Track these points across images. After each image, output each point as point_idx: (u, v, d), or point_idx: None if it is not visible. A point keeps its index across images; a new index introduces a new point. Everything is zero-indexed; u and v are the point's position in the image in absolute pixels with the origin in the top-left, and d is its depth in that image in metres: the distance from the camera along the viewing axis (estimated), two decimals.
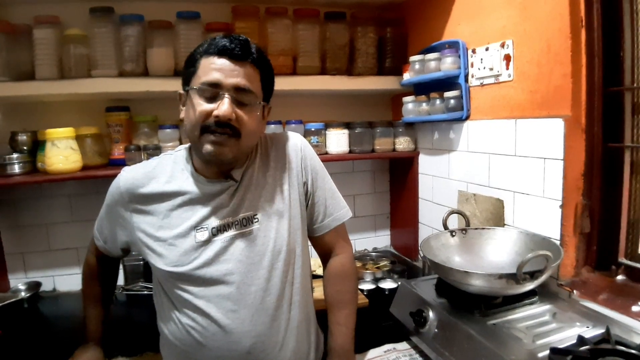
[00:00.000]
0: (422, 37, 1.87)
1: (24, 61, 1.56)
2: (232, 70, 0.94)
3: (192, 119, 0.96)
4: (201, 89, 0.95)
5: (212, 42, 0.96)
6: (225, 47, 0.94)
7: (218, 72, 0.94)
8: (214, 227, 1.02)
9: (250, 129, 0.98)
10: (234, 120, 0.95)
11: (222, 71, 0.94)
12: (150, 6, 1.72)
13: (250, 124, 0.98)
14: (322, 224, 1.16)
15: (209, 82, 0.94)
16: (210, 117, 0.94)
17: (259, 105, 1.01)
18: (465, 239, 1.39)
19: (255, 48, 0.98)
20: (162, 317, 1.10)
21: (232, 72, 0.94)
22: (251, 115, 0.98)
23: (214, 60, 0.95)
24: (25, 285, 1.77)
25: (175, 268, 1.00)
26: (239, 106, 0.96)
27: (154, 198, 1.04)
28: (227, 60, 0.94)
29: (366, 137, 1.96)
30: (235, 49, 0.94)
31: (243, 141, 0.98)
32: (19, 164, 1.59)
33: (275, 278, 1.04)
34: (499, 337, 1.03)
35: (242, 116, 0.96)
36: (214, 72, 0.94)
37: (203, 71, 0.95)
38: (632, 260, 1.21)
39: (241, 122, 0.96)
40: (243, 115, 0.96)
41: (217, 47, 0.94)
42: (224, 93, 0.94)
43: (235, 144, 0.97)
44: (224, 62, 0.94)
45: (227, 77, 0.94)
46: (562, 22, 1.20)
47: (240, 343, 1.01)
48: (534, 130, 1.32)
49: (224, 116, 0.93)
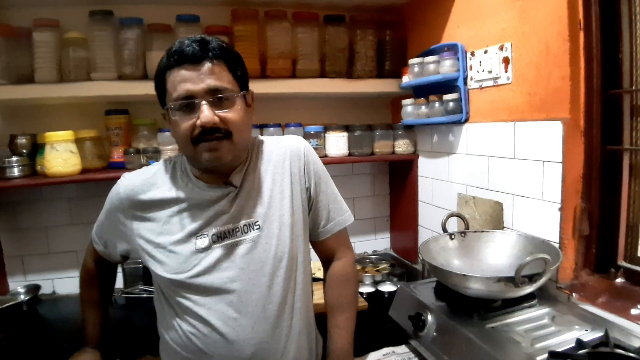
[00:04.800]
0: (421, 40, 1.87)
1: (23, 64, 1.56)
2: (197, 76, 0.92)
3: (181, 135, 0.96)
4: (177, 105, 0.94)
5: (169, 54, 0.94)
6: (182, 54, 0.92)
7: (185, 83, 0.92)
8: (214, 234, 1.01)
9: (238, 124, 0.97)
10: (219, 122, 0.94)
11: (188, 80, 0.92)
12: (150, 9, 1.73)
13: (236, 120, 0.97)
14: (324, 228, 1.15)
15: (181, 97, 0.93)
16: (195, 128, 0.94)
17: (239, 96, 0.99)
18: (465, 242, 1.39)
19: (214, 42, 0.96)
20: (162, 322, 1.09)
21: (198, 77, 0.92)
22: (234, 110, 0.97)
23: (177, 72, 0.93)
24: (24, 288, 1.76)
25: (175, 275, 1.00)
26: (219, 106, 0.95)
27: (154, 205, 1.04)
28: (189, 67, 0.92)
29: (366, 140, 1.96)
30: (193, 52, 0.92)
31: (236, 138, 0.97)
32: (19, 167, 1.60)
33: (277, 285, 1.04)
34: (497, 340, 1.02)
35: (225, 115, 0.95)
36: (181, 85, 0.92)
37: (172, 87, 0.94)
38: (631, 263, 1.21)
39: (227, 122, 0.95)
40: (226, 115, 0.95)
41: (175, 59, 0.93)
42: (199, 101, 0.93)
43: (230, 144, 0.96)
44: (186, 71, 0.92)
45: (195, 83, 0.92)
46: (561, 24, 1.20)
47: (242, 351, 1.00)
48: (532, 133, 1.32)
49: (207, 123, 0.92)
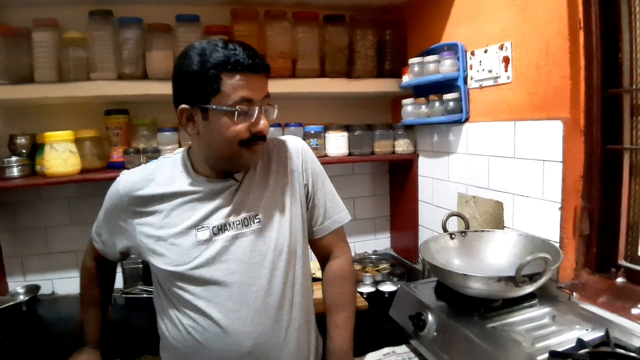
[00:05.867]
0: (421, 40, 1.87)
1: (23, 64, 1.56)
2: (259, 85, 0.97)
3: (228, 137, 0.96)
4: (238, 109, 0.94)
5: (228, 57, 0.92)
6: (246, 62, 0.93)
7: (248, 89, 0.94)
8: (215, 226, 1.02)
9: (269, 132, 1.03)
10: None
11: (251, 88, 0.94)
12: (149, 9, 1.73)
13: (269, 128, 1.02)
14: (321, 226, 1.16)
15: (244, 100, 0.94)
16: (247, 132, 0.97)
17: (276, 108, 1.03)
18: (465, 242, 1.39)
19: (259, 54, 0.98)
20: (162, 318, 1.10)
21: (259, 86, 0.97)
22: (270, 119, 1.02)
23: (239, 76, 0.93)
24: (24, 289, 1.76)
25: (175, 267, 1.00)
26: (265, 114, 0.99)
27: (154, 199, 1.04)
28: (250, 74, 0.94)
29: (366, 140, 1.96)
30: (255, 62, 0.94)
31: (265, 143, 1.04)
32: (18, 167, 1.60)
33: (277, 278, 1.05)
34: (498, 340, 1.02)
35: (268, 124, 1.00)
36: (244, 90, 0.94)
37: (232, 89, 0.93)
38: (631, 262, 1.21)
39: (267, 130, 1.00)
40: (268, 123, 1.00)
41: (239, 64, 0.92)
42: (255, 108, 0.96)
43: (262, 148, 1.04)
44: (249, 76, 0.94)
45: (257, 92, 0.96)
46: (561, 24, 1.20)
47: (242, 344, 1.00)
48: (533, 132, 1.32)
49: (265, 130, 0.98)
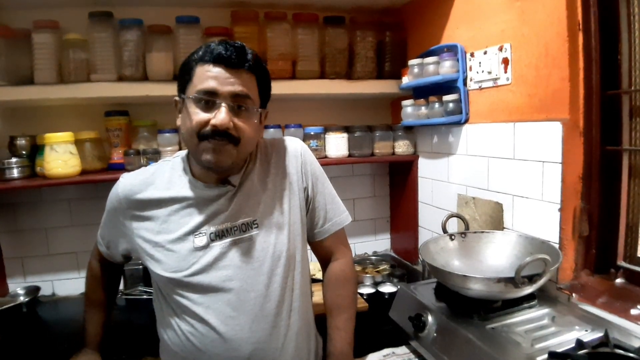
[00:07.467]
0: (421, 41, 1.87)
1: (23, 66, 1.56)
2: (228, 78, 0.94)
3: (189, 127, 0.96)
4: (197, 97, 0.94)
5: (207, 49, 0.95)
6: (220, 54, 0.93)
7: (214, 80, 0.93)
8: (212, 233, 1.01)
9: (248, 135, 0.98)
10: (232, 128, 0.94)
11: (217, 79, 0.93)
12: (150, 11, 1.73)
13: (248, 131, 0.98)
14: (322, 228, 1.16)
15: (205, 91, 0.93)
16: (207, 125, 0.94)
17: (257, 111, 1.00)
18: (465, 243, 1.39)
19: (252, 54, 0.98)
20: (161, 322, 1.10)
21: (228, 80, 0.94)
22: (249, 122, 0.98)
23: (209, 68, 0.94)
24: (24, 290, 1.76)
25: (173, 274, 1.00)
26: (237, 113, 0.96)
27: (152, 204, 1.04)
28: (223, 68, 0.94)
29: (365, 141, 1.96)
30: (232, 57, 0.93)
31: (241, 148, 0.98)
32: (18, 168, 1.59)
33: (275, 284, 1.04)
34: (497, 341, 1.02)
35: (240, 124, 0.96)
36: (209, 81, 0.93)
37: (199, 79, 0.94)
38: (631, 263, 1.21)
39: (239, 130, 0.96)
40: (241, 123, 0.96)
41: (213, 55, 0.93)
42: (220, 102, 0.94)
43: (234, 150, 0.97)
44: (220, 70, 0.94)
45: (223, 85, 0.93)
46: (560, 26, 1.21)
47: (240, 350, 1.00)
48: (532, 133, 1.32)
49: (221, 125, 0.93)
